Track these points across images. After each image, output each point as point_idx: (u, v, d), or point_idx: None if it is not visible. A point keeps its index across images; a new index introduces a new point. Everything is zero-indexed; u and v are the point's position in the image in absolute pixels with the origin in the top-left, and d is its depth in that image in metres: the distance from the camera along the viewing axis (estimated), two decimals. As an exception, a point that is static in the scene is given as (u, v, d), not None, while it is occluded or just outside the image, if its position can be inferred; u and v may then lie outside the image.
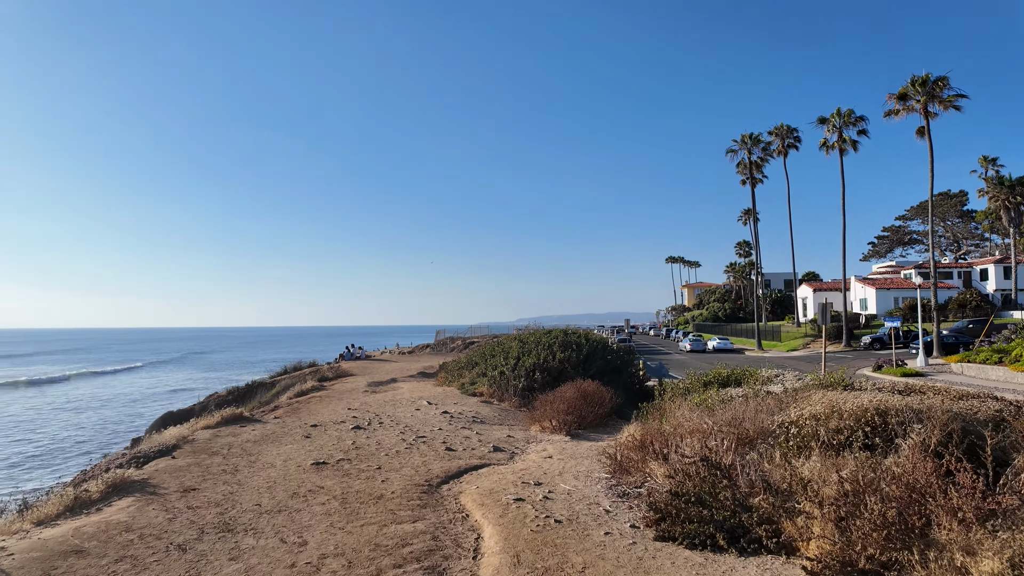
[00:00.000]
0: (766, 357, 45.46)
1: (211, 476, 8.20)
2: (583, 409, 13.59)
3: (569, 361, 17.78)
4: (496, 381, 17.29)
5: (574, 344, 18.66)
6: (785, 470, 7.37)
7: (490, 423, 13.30)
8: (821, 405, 9.14)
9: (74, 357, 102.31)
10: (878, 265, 76.82)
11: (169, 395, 48.68)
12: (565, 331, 20.12)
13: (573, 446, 10.85)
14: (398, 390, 19.04)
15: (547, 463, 9.37)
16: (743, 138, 52.72)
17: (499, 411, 14.92)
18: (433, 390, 18.61)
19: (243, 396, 25.70)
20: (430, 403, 15.49)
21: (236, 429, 11.78)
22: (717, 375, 16.41)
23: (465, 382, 18.28)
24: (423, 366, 28.19)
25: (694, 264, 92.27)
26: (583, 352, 18.33)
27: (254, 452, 9.87)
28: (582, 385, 14.97)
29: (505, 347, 19.80)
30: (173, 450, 9.56)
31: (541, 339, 19.02)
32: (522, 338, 19.63)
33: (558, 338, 18.98)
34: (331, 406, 15.50)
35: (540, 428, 12.82)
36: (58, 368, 73.80)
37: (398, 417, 13.47)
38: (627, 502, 7.29)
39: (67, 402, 44.25)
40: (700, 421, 9.88)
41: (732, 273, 76.20)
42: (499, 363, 18.11)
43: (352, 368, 26.79)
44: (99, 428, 32.47)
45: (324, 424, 12.52)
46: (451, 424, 12.66)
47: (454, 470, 8.92)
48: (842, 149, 48.73)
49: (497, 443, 10.89)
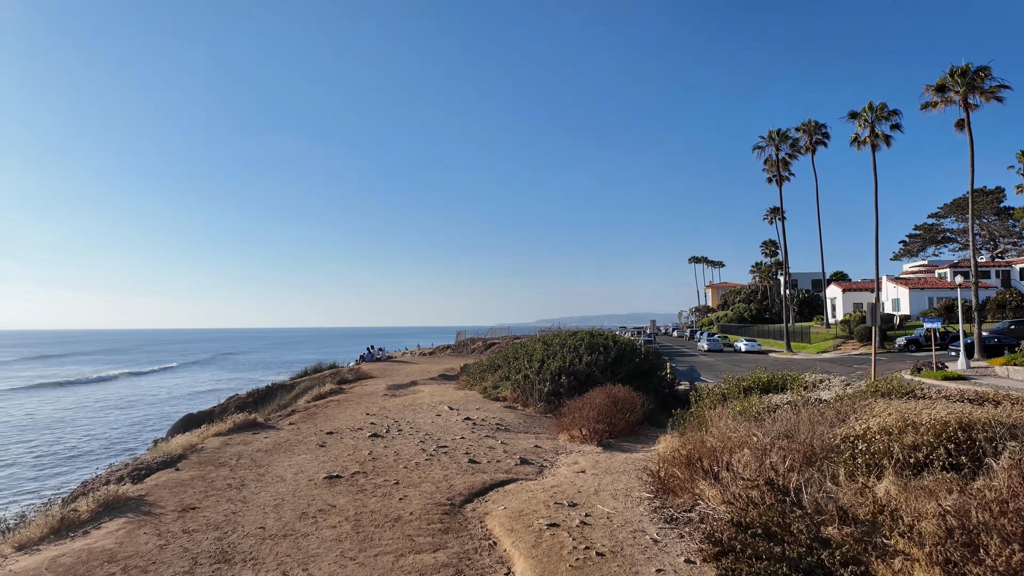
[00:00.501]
0: (796, 359, 43.83)
1: (214, 492, 7.47)
2: (614, 416, 12.66)
3: (596, 364, 16.85)
4: (520, 385, 16.43)
5: (601, 346, 17.72)
6: (858, 493, 6.38)
7: (515, 431, 12.44)
8: (891, 417, 8.10)
9: (109, 358, 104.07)
10: (909, 265, 74.21)
11: (199, 396, 48.80)
12: (591, 332, 19.18)
13: (606, 458, 9.93)
14: (418, 394, 18.30)
15: (580, 479, 8.47)
16: (770, 134, 51.09)
17: (524, 417, 14.05)
18: (454, 394, 17.82)
19: (263, 398, 25.23)
20: (451, 408, 14.69)
21: (248, 436, 11.11)
22: (757, 380, 15.33)
23: (487, 386, 17.46)
24: (444, 368, 27.46)
25: (718, 264, 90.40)
26: (611, 355, 17.39)
27: (264, 463, 9.15)
28: (612, 390, 14.04)
29: (528, 349, 18.94)
30: (178, 461, 8.89)
31: (566, 341, 18.12)
32: (546, 340, 18.74)
33: (584, 340, 18.06)
34: (349, 411, 14.80)
35: (569, 437, 11.92)
36: (93, 368, 74.99)
37: (418, 424, 12.69)
38: (676, 529, 6.36)
39: (107, 401, 44.77)
40: (748, 433, 8.91)
41: (758, 273, 74.23)
42: (523, 366, 17.26)
43: (372, 370, 26.17)
44: (133, 427, 32.55)
45: (340, 431, 11.78)
46: (474, 432, 11.83)
47: (478, 486, 8.07)
48: (874, 144, 46.86)
49: (524, 454, 10.02)
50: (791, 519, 5.32)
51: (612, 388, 14.23)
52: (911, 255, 77.13)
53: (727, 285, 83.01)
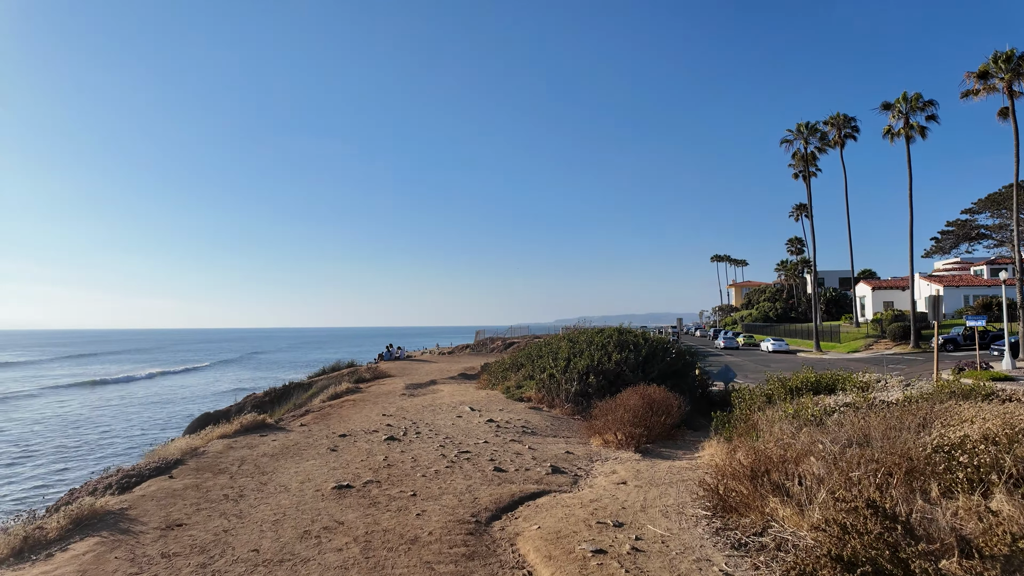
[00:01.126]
0: (826, 359, 42.05)
1: (208, 505, 6.53)
2: (649, 419, 11.53)
3: (626, 363, 15.70)
4: (545, 385, 15.36)
5: (631, 344, 16.56)
6: (975, 517, 5.19)
7: (543, 434, 11.37)
8: (992, 423, 6.87)
9: (135, 357, 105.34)
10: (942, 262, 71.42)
11: (228, 395, 48.70)
12: (619, 330, 18.03)
13: (647, 467, 8.82)
14: (438, 393, 17.33)
15: (622, 491, 7.38)
16: (799, 127, 49.27)
17: (551, 419, 12.97)
18: (475, 394, 16.81)
19: (279, 397, 24.53)
20: (473, 409, 13.67)
21: (255, 439, 10.21)
22: (805, 380, 14.05)
23: (511, 385, 16.41)
24: (464, 367, 26.50)
25: (741, 263, 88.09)
26: (641, 353, 16.22)
27: (268, 470, 8.23)
28: (647, 391, 12.90)
29: (553, 348, 17.86)
30: (175, 467, 8.00)
31: (593, 339, 16.99)
32: (572, 338, 17.63)
33: (612, 338, 16.91)
34: (364, 411, 13.88)
35: (602, 442, 10.82)
36: (125, 367, 75.82)
37: (437, 426, 11.69)
38: (748, 558, 5.24)
39: (142, 399, 44.99)
40: (812, 440, 7.73)
41: (783, 271, 72.08)
42: (547, 365, 16.18)
43: (391, 369, 25.31)
44: (156, 424, 32.29)
45: (354, 434, 10.84)
46: (498, 435, 10.79)
47: (506, 499, 7.03)
48: (908, 136, 44.86)
49: (555, 462, 8.95)
50: (908, 554, 4.18)
51: (647, 389, 13.09)
52: (943, 252, 74.23)
53: (751, 284, 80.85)
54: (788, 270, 71.83)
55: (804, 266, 71.72)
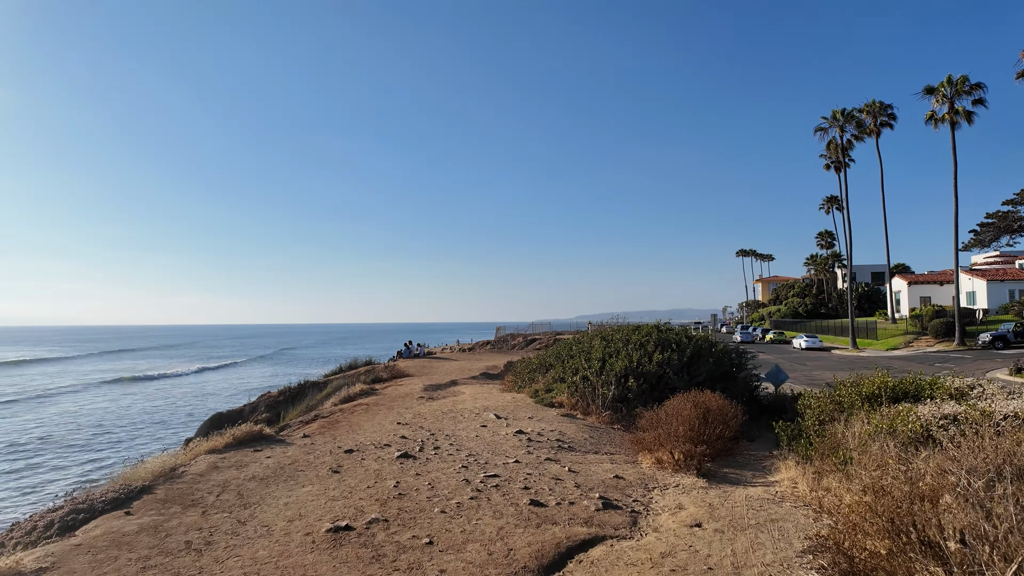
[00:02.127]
0: (864, 357, 39.50)
1: (159, 561, 4.92)
2: (706, 432, 9.70)
3: (669, 364, 13.85)
4: (578, 389, 13.59)
5: (673, 343, 14.69)
6: None
7: (582, 450, 9.61)
8: None
9: (173, 353, 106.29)
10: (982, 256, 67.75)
11: (258, 392, 48.06)
12: (658, 327, 16.15)
13: (719, 498, 7.02)
14: (459, 395, 15.68)
15: (699, 539, 5.59)
16: (834, 115, 46.51)
17: (588, 430, 11.21)
18: (500, 397, 15.12)
19: (294, 397, 23.16)
20: (499, 417, 11.97)
21: (247, 455, 8.64)
22: (882, 385, 12.02)
23: (539, 389, 14.66)
24: (485, 366, 24.83)
25: (767, 257, 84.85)
26: (686, 353, 14.35)
27: (253, 500, 6.62)
28: (700, 398, 11.04)
29: (585, 347, 16.06)
30: (138, 496, 6.43)
31: (630, 337, 15.16)
32: (606, 336, 15.82)
33: (652, 336, 15.06)
34: (378, 418, 12.27)
35: (654, 461, 9.03)
36: (156, 364, 76.40)
37: (459, 438, 10.02)
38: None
39: (179, 395, 44.68)
40: (936, 468, 5.86)
41: (813, 265, 69.05)
42: (580, 366, 14.40)
43: (409, 368, 23.76)
44: (183, 420, 31.54)
45: (363, 448, 9.21)
46: (530, 452, 9.06)
47: (550, 550, 5.31)
48: (953, 123, 41.94)
49: (605, 491, 7.19)
50: None
51: (700, 395, 11.22)
52: (982, 246, 70.48)
53: (778, 279, 77.80)
54: (818, 265, 68.78)
55: (835, 260, 68.63)
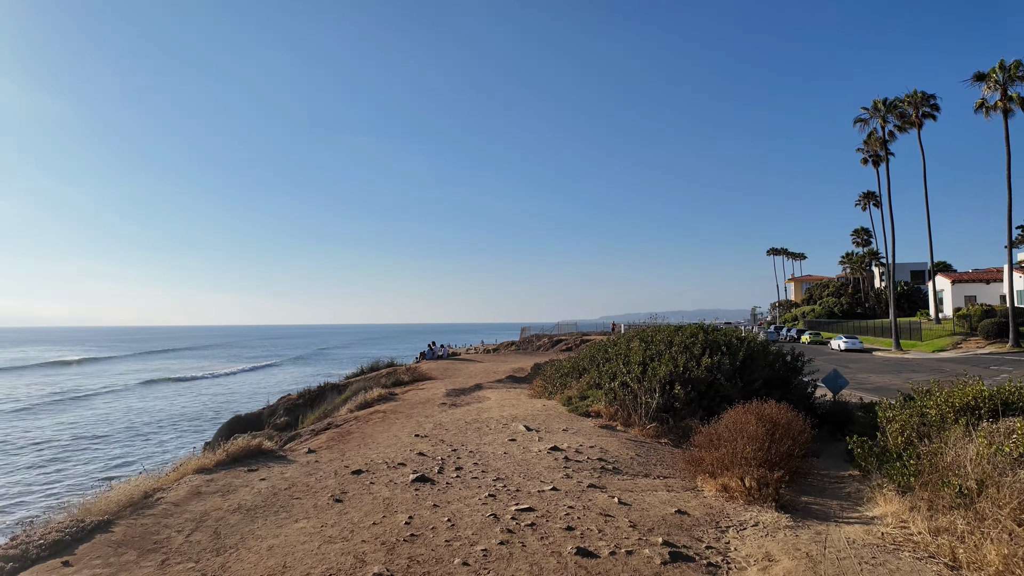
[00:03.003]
0: (910, 359, 36.87)
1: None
2: (774, 451, 8.09)
3: (720, 369, 12.18)
4: (617, 396, 12.01)
5: (723, 345, 13.01)
6: None
7: (629, 472, 8.06)
8: None
9: (213, 353, 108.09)
10: (1030, 253, 63.66)
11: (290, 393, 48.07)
12: (702, 327, 14.46)
13: (814, 543, 5.42)
14: (484, 402, 14.24)
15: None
16: (875, 104, 43.83)
17: (633, 446, 9.64)
18: (529, 404, 13.64)
19: (314, 399, 22.06)
20: (529, 428, 10.48)
21: (237, 477, 7.32)
22: (978, 395, 10.16)
23: (572, 395, 13.12)
24: (511, 368, 23.37)
25: (799, 256, 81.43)
26: (738, 356, 12.66)
27: (231, 542, 5.26)
28: (764, 409, 9.38)
29: (620, 348, 14.46)
30: (89, 536, 5.13)
31: (673, 338, 13.52)
32: (645, 337, 14.19)
33: (697, 337, 13.40)
34: (394, 428, 10.90)
35: (718, 488, 7.43)
36: (198, 364, 77.53)
37: (484, 455, 8.57)
38: None
39: (216, 395, 44.54)
40: None
41: (848, 264, 65.84)
42: (618, 371, 12.82)
43: (432, 370, 22.43)
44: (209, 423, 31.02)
45: (373, 468, 7.83)
46: (569, 475, 7.56)
47: (611, 632, 3.79)
48: (1007, 110, 39.01)
49: (668, 533, 5.65)
50: None
51: (762, 406, 9.57)
52: (1032, 242, 66.37)
53: (811, 278, 74.56)
54: (854, 263, 65.56)
55: (872, 258, 65.34)
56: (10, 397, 41.88)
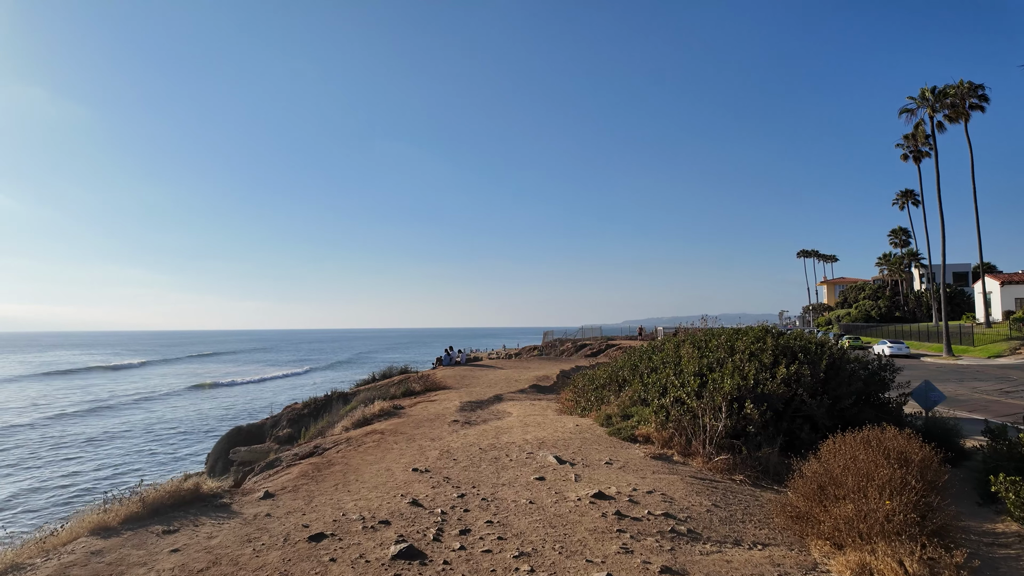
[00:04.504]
0: (965, 366, 33.11)
1: None
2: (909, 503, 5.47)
3: (800, 382, 9.45)
4: (671, 416, 9.36)
5: (798, 351, 10.26)
6: None
7: (714, 538, 5.43)
8: None
9: (253, 357, 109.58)
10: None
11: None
12: (767, 330, 11.70)
13: None
14: (504, 418, 11.72)
15: None
16: (923, 94, 40.22)
17: (703, 488, 6.98)
18: (558, 423, 11.06)
19: (320, 409, 19.82)
20: (561, 460, 7.91)
21: (141, 546, 4.93)
22: None
23: (612, 413, 10.47)
24: (535, 376, 20.80)
25: (830, 259, 77.02)
26: (820, 366, 9.90)
27: None
28: (886, 441, 6.71)
29: (667, 355, 11.77)
30: None
31: (734, 343, 10.80)
32: (699, 342, 11.49)
33: (766, 342, 10.65)
34: (389, 456, 8.46)
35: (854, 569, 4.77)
36: (254, 369, 77.87)
37: (503, 506, 6.04)
38: None
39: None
40: None
41: (886, 265, 61.64)
42: (668, 383, 10.15)
43: (447, 378, 19.99)
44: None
45: (343, 530, 5.37)
46: (627, 546, 4.98)
47: None
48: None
49: None
50: None
51: (880, 435, 6.86)
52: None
53: (845, 280, 70.28)
54: (892, 264, 61.34)
55: (911, 259, 61.05)
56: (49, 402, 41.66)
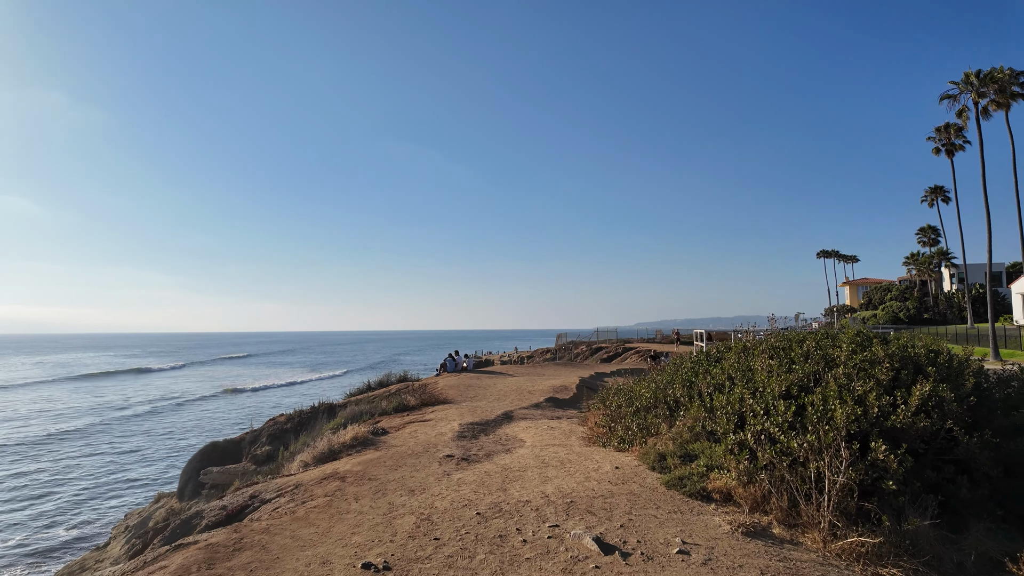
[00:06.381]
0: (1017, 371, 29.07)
1: None
2: None
3: (943, 410, 6.25)
4: (756, 459, 6.18)
5: (926, 365, 7.03)
6: None
7: None
8: None
9: (281, 360, 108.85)
10: None
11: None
12: (864, 333, 8.42)
13: None
14: (513, 451, 8.65)
15: None
16: (966, 77, 36.50)
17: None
18: (587, 461, 7.95)
19: (304, 423, 16.88)
20: (605, 545, 4.79)
21: None
22: None
23: (667, 451, 7.28)
24: (551, 385, 17.65)
25: (851, 259, 72.84)
26: (964, 387, 6.67)
27: None
28: None
29: (737, 367, 8.55)
30: None
31: (833, 353, 7.55)
32: (777, 348, 8.25)
33: (873, 350, 7.40)
34: (334, 533, 5.43)
35: None
36: (286, 372, 77.05)
37: None
38: None
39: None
40: None
41: (913, 265, 57.59)
42: (746, 408, 6.96)
43: (449, 388, 16.91)
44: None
45: None
46: None
47: None
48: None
49: None
50: None
51: None
52: None
53: (868, 281, 66.17)
54: (920, 264, 57.27)
55: (941, 259, 56.96)
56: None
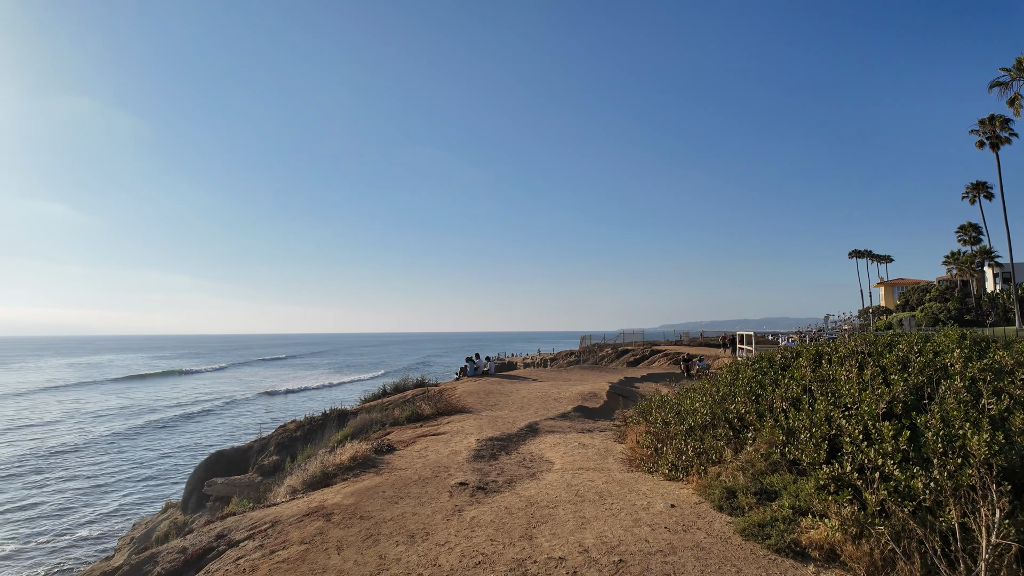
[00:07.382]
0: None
1: None
2: None
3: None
4: (867, 508, 4.53)
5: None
6: None
7: None
8: None
9: (321, 362, 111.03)
10: None
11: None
12: (970, 336, 6.67)
13: None
14: (540, 477, 7.14)
15: None
16: (1019, 63, 33.71)
17: None
18: (631, 493, 6.39)
19: (314, 431, 15.64)
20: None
21: None
22: None
23: (738, 486, 5.68)
24: (579, 392, 16.04)
25: (885, 259, 69.14)
26: None
27: None
28: None
29: (818, 374, 6.87)
30: None
31: (952, 363, 5.85)
32: (861, 354, 6.55)
33: (993, 356, 5.68)
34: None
35: None
36: (325, 375, 77.89)
37: None
38: None
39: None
40: None
41: (954, 264, 54.11)
42: (844, 433, 5.30)
43: (468, 395, 15.45)
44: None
45: None
46: None
47: None
48: None
49: None
50: None
51: None
52: None
53: (904, 281, 62.62)
54: (961, 263, 53.78)
55: (984, 257, 53.43)
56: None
